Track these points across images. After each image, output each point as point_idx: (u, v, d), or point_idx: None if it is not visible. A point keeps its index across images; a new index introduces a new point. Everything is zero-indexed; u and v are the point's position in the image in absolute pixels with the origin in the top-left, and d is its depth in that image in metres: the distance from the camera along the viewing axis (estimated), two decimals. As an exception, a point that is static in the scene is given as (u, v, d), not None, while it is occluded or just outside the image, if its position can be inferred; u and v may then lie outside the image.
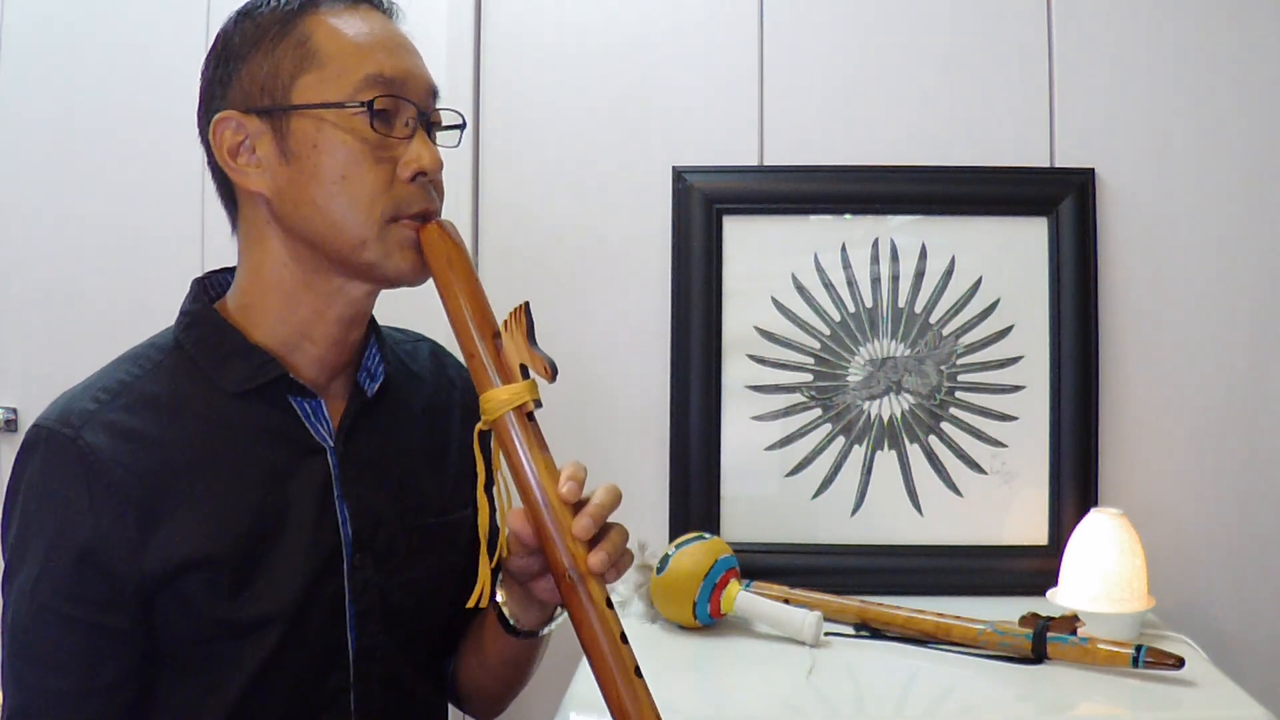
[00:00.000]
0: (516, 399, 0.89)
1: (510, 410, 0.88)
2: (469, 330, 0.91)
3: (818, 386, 1.71)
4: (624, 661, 0.85)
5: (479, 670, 1.10)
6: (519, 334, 0.91)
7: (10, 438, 1.83)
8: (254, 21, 0.93)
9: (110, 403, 0.92)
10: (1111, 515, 1.51)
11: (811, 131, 1.73)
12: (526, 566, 0.94)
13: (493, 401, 0.89)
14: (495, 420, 0.89)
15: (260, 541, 0.93)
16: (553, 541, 0.88)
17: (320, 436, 0.97)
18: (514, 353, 0.90)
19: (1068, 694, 1.32)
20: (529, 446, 0.89)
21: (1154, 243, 1.70)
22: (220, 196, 0.99)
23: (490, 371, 0.90)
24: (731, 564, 1.50)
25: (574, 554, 0.87)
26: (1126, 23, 1.70)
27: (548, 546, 0.88)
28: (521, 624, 1.01)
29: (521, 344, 0.90)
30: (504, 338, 0.91)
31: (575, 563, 0.87)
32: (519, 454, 0.89)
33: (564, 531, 0.87)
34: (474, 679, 1.11)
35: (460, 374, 1.13)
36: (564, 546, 0.87)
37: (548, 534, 0.88)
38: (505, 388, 0.89)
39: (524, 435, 0.89)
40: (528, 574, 0.95)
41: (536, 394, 0.90)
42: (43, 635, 0.90)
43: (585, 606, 0.86)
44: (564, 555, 0.87)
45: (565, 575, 0.87)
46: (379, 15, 0.96)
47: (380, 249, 0.92)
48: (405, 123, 0.93)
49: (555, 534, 0.88)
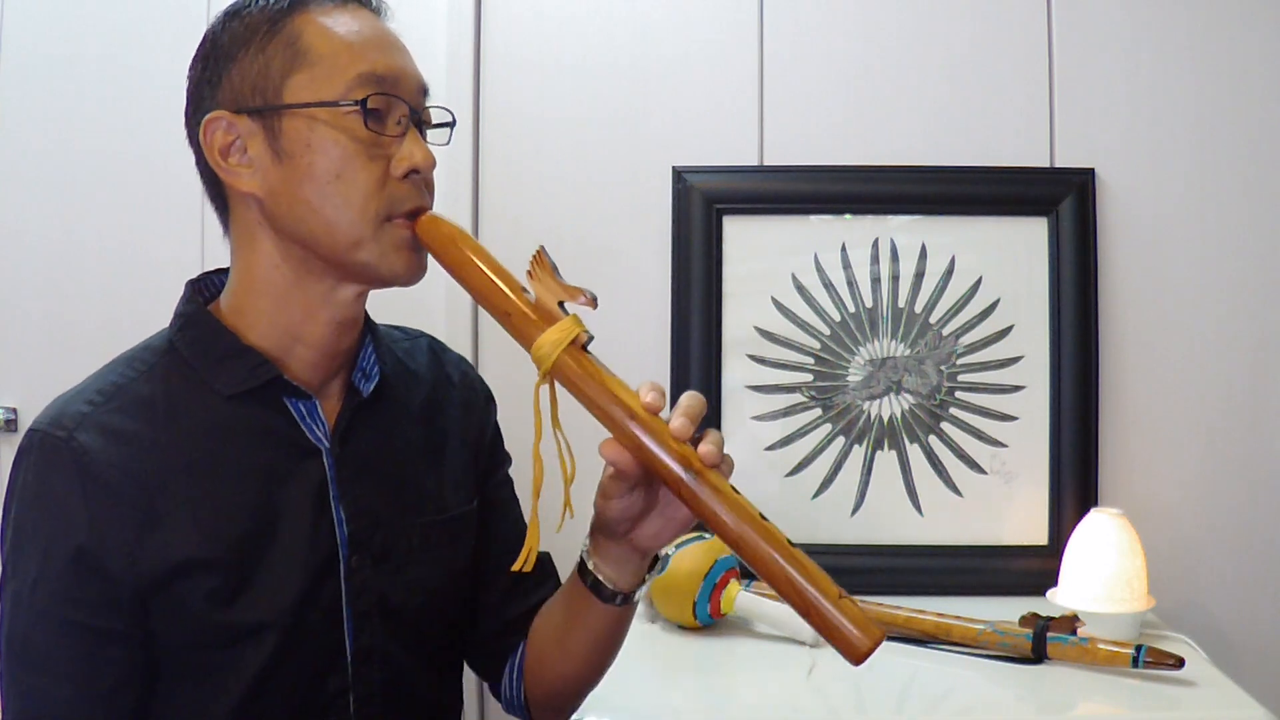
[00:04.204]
0: (566, 335, 0.87)
1: (564, 349, 0.86)
2: (497, 291, 0.90)
3: (818, 386, 1.71)
4: (776, 537, 0.83)
5: (564, 661, 1.05)
6: (546, 276, 0.88)
7: (10, 438, 1.83)
8: (242, 21, 0.93)
9: (104, 405, 0.91)
10: (1111, 515, 1.51)
11: (811, 131, 1.73)
12: (628, 508, 0.91)
13: (544, 347, 0.86)
14: (553, 364, 0.86)
15: (256, 544, 0.93)
16: (655, 453, 0.84)
17: (316, 438, 0.97)
18: (547, 295, 0.88)
19: (1068, 694, 1.32)
20: (597, 375, 0.86)
21: (1154, 243, 1.70)
22: (210, 198, 0.98)
23: (530, 321, 0.88)
24: (731, 564, 1.50)
25: (682, 454, 0.84)
26: (1126, 23, 1.70)
27: (652, 459, 0.85)
28: (619, 586, 0.97)
29: (552, 284, 0.88)
30: (532, 285, 0.89)
31: (688, 462, 0.83)
32: (590, 385, 0.86)
33: (663, 438, 0.84)
34: (558, 672, 1.06)
35: (459, 369, 1.13)
36: (669, 451, 0.84)
37: (647, 449, 0.84)
38: (551, 329, 0.87)
39: (588, 366, 0.87)
40: (629, 517, 0.91)
41: (583, 326, 0.88)
42: (40, 640, 0.89)
43: (713, 501, 0.83)
44: (672, 460, 0.84)
45: (681, 480, 0.83)
46: (368, 14, 0.95)
47: (376, 249, 0.92)
48: (398, 121, 0.93)
49: (655, 444, 0.84)
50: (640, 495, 0.90)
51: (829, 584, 0.82)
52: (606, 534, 0.95)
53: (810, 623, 0.82)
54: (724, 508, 0.83)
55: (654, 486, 0.91)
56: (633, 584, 0.98)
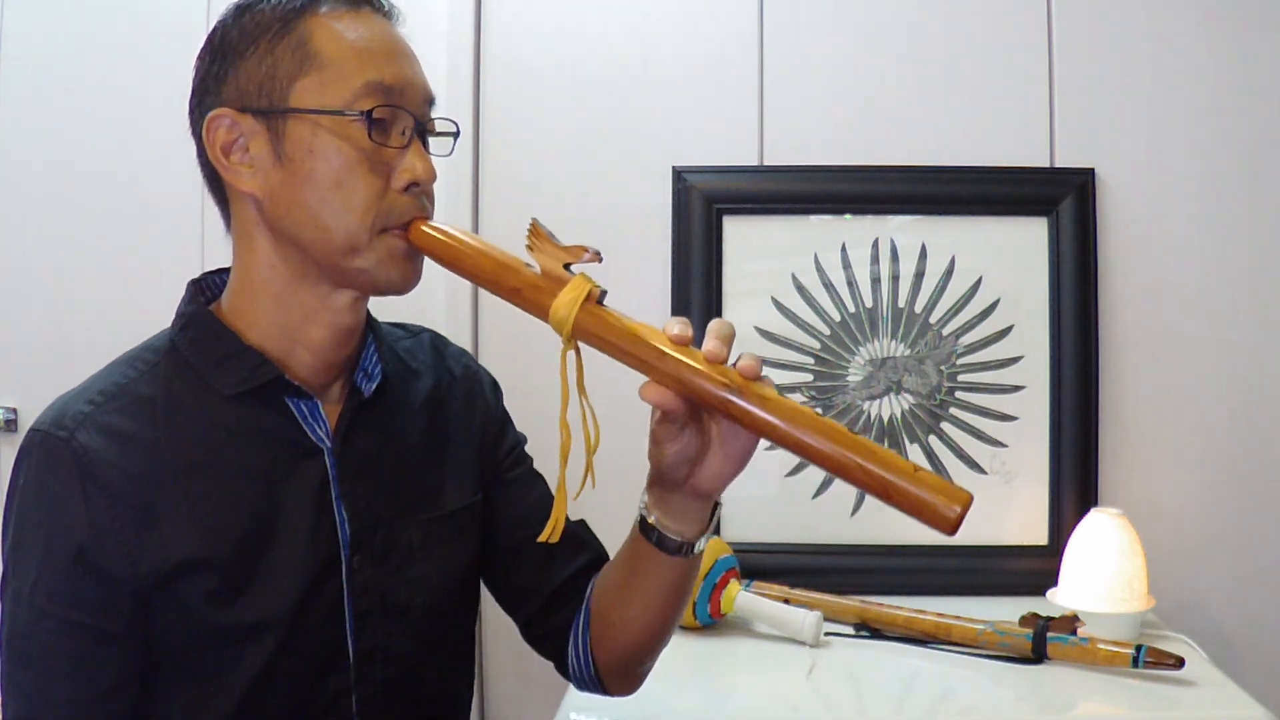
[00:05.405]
0: (580, 293, 0.87)
1: (580, 307, 0.86)
2: (501, 270, 0.90)
3: (818, 386, 1.71)
4: (835, 431, 0.82)
5: (634, 623, 1.03)
6: (545, 243, 0.89)
7: (10, 438, 1.83)
8: (253, 18, 0.92)
9: (105, 405, 0.91)
10: (1111, 515, 1.51)
11: (811, 131, 1.73)
12: (683, 450, 0.90)
13: (560, 309, 0.87)
14: (575, 324, 0.87)
15: (257, 544, 0.92)
16: (695, 380, 0.84)
17: (317, 437, 0.97)
18: (551, 261, 0.88)
19: (1068, 694, 1.32)
20: (619, 322, 0.87)
21: (1154, 243, 1.70)
22: (211, 193, 0.98)
23: (541, 290, 0.88)
24: (731, 564, 1.50)
25: (722, 375, 0.84)
26: (1126, 23, 1.70)
27: (693, 388, 0.84)
28: (685, 536, 0.96)
29: (553, 249, 0.89)
30: (534, 256, 0.89)
31: (729, 379, 0.84)
32: (615, 334, 0.86)
33: (699, 364, 0.85)
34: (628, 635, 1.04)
35: (460, 362, 1.13)
36: (708, 376, 0.84)
37: (687, 379, 0.84)
38: (563, 291, 0.87)
39: (608, 317, 0.87)
40: (685, 459, 0.90)
41: (593, 281, 0.88)
42: (40, 640, 0.89)
43: (764, 411, 0.83)
44: (713, 384, 0.84)
45: (727, 399, 0.83)
46: (380, 19, 0.95)
47: (372, 257, 0.92)
48: (402, 132, 0.93)
49: (692, 373, 0.84)
50: (693, 435, 0.89)
51: (900, 461, 0.82)
52: (666, 485, 0.94)
53: (893, 505, 0.81)
54: (776, 415, 0.83)
55: (704, 425, 0.90)
56: (697, 532, 0.96)
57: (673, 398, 0.86)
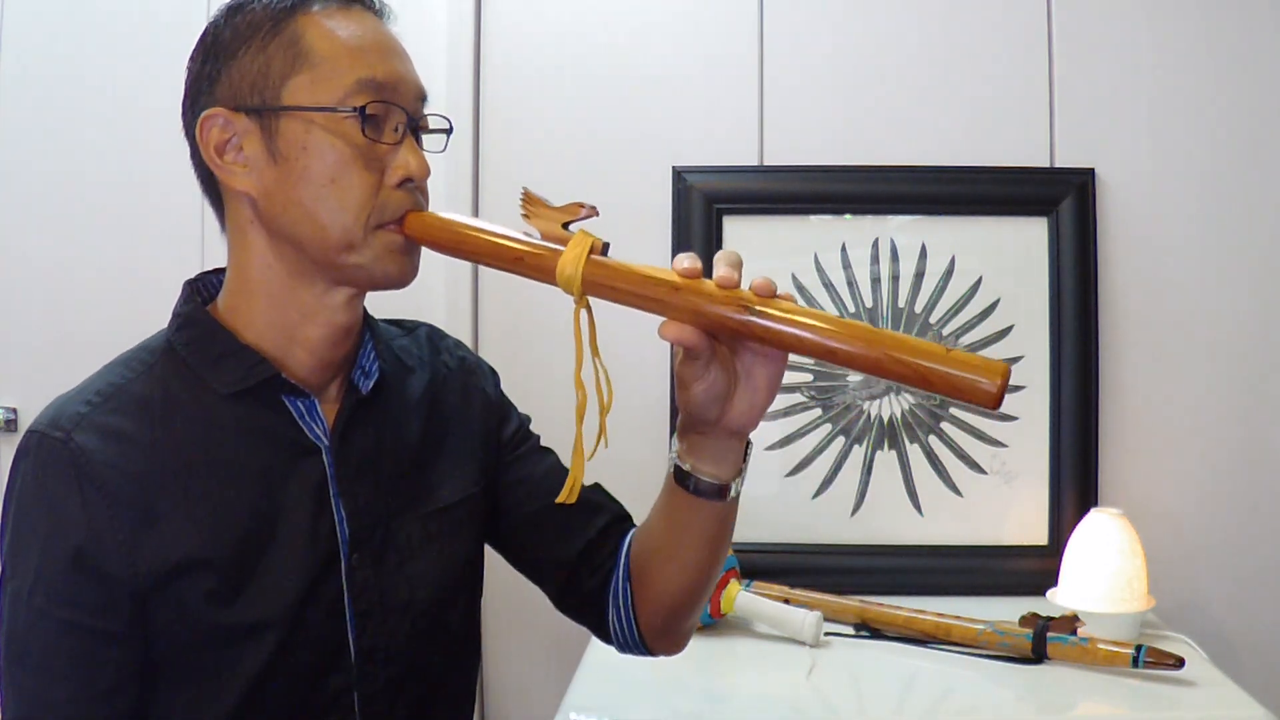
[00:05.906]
0: (583, 248, 0.87)
1: (585, 262, 0.87)
2: (500, 243, 0.91)
3: (818, 386, 1.71)
4: (860, 331, 0.82)
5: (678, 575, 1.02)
6: (540, 207, 0.90)
7: (10, 438, 1.83)
8: (245, 18, 0.93)
9: (102, 405, 0.91)
10: (1111, 515, 1.51)
11: (811, 131, 1.73)
12: (711, 388, 0.89)
13: (566, 267, 0.87)
14: (583, 278, 0.87)
15: (256, 543, 0.92)
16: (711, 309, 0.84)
17: (315, 436, 0.97)
18: (549, 225, 0.90)
19: (1068, 694, 1.32)
20: (626, 268, 0.87)
21: (1154, 243, 1.70)
22: (205, 193, 0.99)
23: (543, 254, 0.89)
24: (731, 564, 1.50)
25: (736, 298, 0.84)
26: (1126, 23, 1.70)
27: (711, 317, 0.85)
28: (723, 479, 0.96)
29: (549, 212, 0.90)
30: (531, 223, 0.90)
31: (746, 302, 0.84)
32: (624, 280, 0.87)
33: (712, 292, 0.85)
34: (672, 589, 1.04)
35: (455, 354, 1.13)
36: (725, 300, 0.84)
37: (703, 309, 0.85)
38: (566, 249, 0.88)
39: (615, 266, 0.87)
40: (715, 397, 0.90)
41: (594, 236, 0.89)
42: (39, 641, 0.89)
43: (786, 325, 0.83)
44: (730, 309, 0.84)
45: (747, 322, 0.84)
46: (371, 17, 0.96)
47: (368, 253, 0.92)
48: (395, 128, 0.93)
49: (709, 300, 0.85)
50: (718, 371, 0.89)
51: (932, 346, 0.81)
52: (698, 429, 0.93)
53: (933, 390, 0.81)
54: (800, 328, 0.83)
55: (729, 359, 0.90)
56: (733, 474, 0.96)
57: (693, 332, 0.86)
